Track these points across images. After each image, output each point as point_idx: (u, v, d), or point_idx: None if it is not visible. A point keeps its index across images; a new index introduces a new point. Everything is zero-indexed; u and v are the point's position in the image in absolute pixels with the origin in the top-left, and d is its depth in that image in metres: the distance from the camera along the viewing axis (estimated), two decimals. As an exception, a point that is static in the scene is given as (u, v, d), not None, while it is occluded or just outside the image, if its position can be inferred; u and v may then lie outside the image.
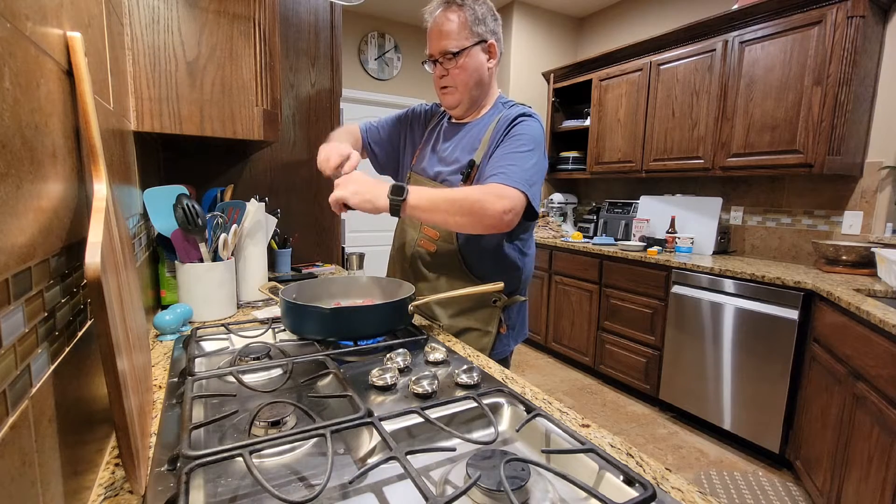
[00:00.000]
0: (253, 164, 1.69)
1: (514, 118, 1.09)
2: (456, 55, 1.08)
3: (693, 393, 2.44)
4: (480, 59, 1.11)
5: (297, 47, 1.73)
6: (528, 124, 1.08)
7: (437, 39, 1.09)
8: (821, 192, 2.47)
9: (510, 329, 1.20)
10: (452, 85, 1.12)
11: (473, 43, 1.08)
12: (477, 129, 1.16)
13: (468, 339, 1.15)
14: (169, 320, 0.95)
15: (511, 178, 0.99)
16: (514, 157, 1.03)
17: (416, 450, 0.52)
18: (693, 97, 2.72)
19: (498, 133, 1.10)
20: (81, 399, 0.48)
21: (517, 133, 1.07)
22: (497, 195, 0.96)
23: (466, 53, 1.08)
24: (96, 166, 0.47)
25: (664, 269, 2.58)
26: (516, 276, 1.17)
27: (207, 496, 0.49)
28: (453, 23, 1.07)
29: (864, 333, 1.51)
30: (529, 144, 1.05)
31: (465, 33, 1.07)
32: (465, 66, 1.09)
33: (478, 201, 0.95)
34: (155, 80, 0.99)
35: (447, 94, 1.14)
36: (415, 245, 1.21)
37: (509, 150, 1.05)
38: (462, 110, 1.17)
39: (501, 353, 1.19)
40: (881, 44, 2.24)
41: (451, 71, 1.10)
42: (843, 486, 1.57)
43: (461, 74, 1.10)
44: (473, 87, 1.13)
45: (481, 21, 1.09)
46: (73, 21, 0.54)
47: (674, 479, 0.53)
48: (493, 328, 1.15)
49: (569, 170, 3.74)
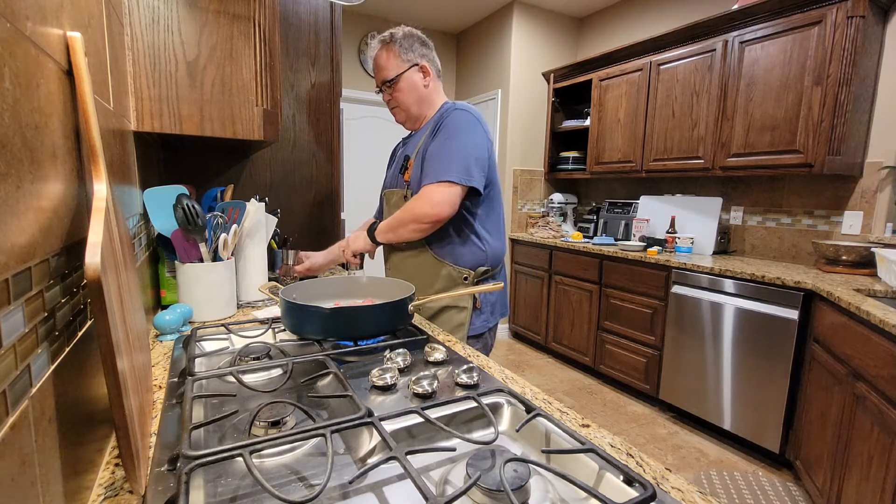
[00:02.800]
0: (253, 164, 1.69)
1: (441, 115, 1.28)
2: (392, 81, 1.31)
3: (693, 393, 2.44)
4: (415, 79, 1.31)
5: (297, 47, 1.73)
6: (451, 117, 1.25)
7: (378, 72, 1.33)
8: (821, 192, 2.47)
9: (487, 305, 1.32)
10: (397, 105, 1.35)
11: (406, 68, 1.30)
12: (420, 132, 1.36)
13: (446, 317, 1.26)
14: (169, 320, 0.95)
15: (439, 172, 1.18)
16: (440, 153, 1.21)
17: (416, 450, 0.52)
18: (693, 97, 2.72)
19: (433, 129, 1.27)
20: (81, 399, 0.48)
21: (442, 126, 1.25)
22: (426, 200, 1.18)
23: (401, 78, 1.30)
24: (96, 166, 0.47)
25: (664, 269, 2.58)
26: (478, 252, 1.30)
27: (207, 496, 0.49)
28: (386, 57, 1.30)
29: (864, 333, 1.51)
30: (452, 132, 1.22)
31: (396, 62, 1.30)
32: (402, 88, 1.31)
33: (410, 212, 1.20)
34: (155, 80, 0.99)
35: (395, 112, 1.38)
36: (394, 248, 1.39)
37: (436, 146, 1.23)
38: (411, 123, 1.39)
39: (480, 328, 1.30)
40: (881, 44, 2.24)
41: (394, 94, 1.33)
42: (843, 486, 1.57)
43: (401, 95, 1.32)
44: (414, 104, 1.34)
45: (409, 49, 1.30)
46: (73, 21, 0.54)
47: (674, 479, 0.53)
48: (467, 304, 1.27)
49: (569, 170, 3.74)
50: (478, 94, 4.23)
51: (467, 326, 1.26)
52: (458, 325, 1.26)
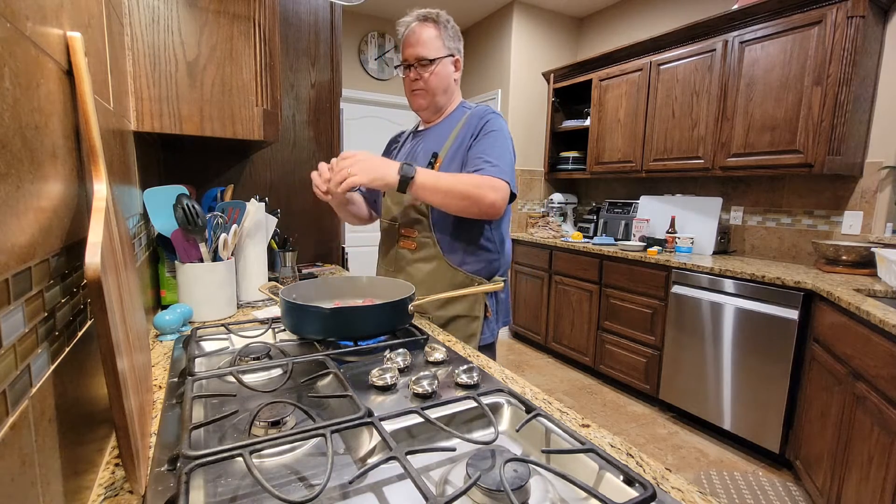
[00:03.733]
0: (253, 164, 1.69)
1: (484, 115, 1.21)
2: (431, 62, 1.21)
3: (693, 393, 2.44)
4: (449, 69, 1.25)
5: (297, 47, 1.73)
6: (500, 122, 1.21)
7: (414, 46, 1.20)
8: (821, 192, 2.47)
9: (495, 314, 1.27)
10: (424, 88, 1.24)
11: (445, 55, 1.22)
12: (442, 128, 1.27)
13: (458, 326, 1.22)
14: (169, 320, 0.95)
15: (499, 170, 1.11)
16: (496, 153, 1.14)
17: (416, 450, 0.52)
18: (693, 97, 2.72)
19: (470, 128, 1.20)
20: (81, 399, 0.48)
21: (493, 129, 1.18)
22: (491, 186, 1.08)
23: (439, 62, 1.22)
24: (96, 166, 0.47)
25: (664, 269, 2.58)
26: (494, 261, 1.26)
27: (207, 496, 0.49)
28: (430, 34, 1.20)
29: (864, 333, 1.51)
30: (505, 140, 1.18)
31: (438, 45, 1.21)
32: (437, 72, 1.22)
33: (477, 187, 1.07)
34: (155, 80, 0.99)
35: (418, 96, 1.26)
36: (397, 247, 1.29)
37: (490, 144, 1.16)
38: (429, 113, 1.29)
39: (489, 337, 1.26)
40: (881, 44, 2.24)
41: (424, 75, 1.22)
42: (843, 486, 1.57)
43: (434, 79, 1.22)
44: (441, 94, 1.25)
45: (451, 38, 1.23)
46: (73, 21, 0.54)
47: (674, 479, 0.53)
48: (479, 313, 1.22)
49: (569, 170, 3.74)
50: (478, 93, 4.23)
51: (478, 336, 1.22)
52: (470, 334, 1.21)
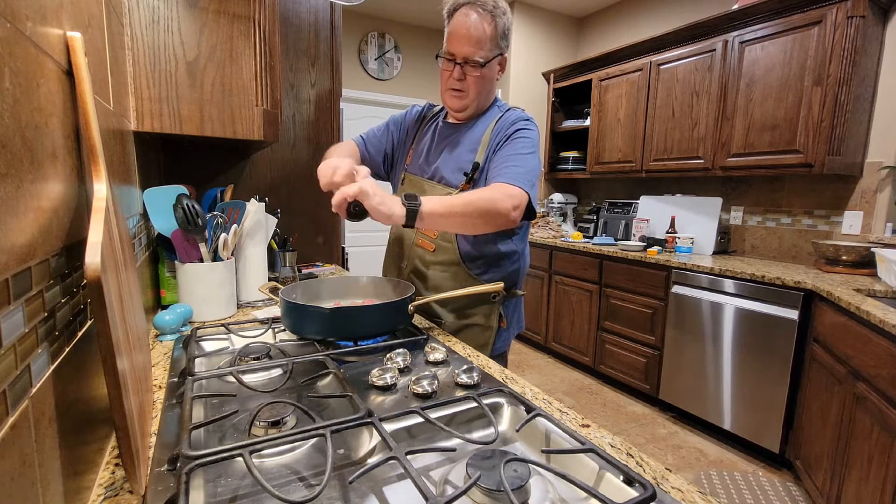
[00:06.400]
0: (253, 164, 1.69)
1: (515, 122, 1.12)
2: (482, 65, 1.08)
3: (693, 393, 2.44)
4: (495, 70, 1.13)
5: (297, 47, 1.73)
6: (529, 129, 1.12)
7: (466, 44, 1.06)
8: (821, 192, 2.47)
9: (508, 324, 1.23)
10: (465, 90, 1.12)
11: (496, 55, 1.10)
12: (476, 129, 1.17)
13: (470, 334, 1.17)
14: (169, 320, 0.95)
15: (516, 178, 1.02)
16: (517, 159, 1.06)
17: (416, 450, 0.52)
18: (693, 97, 2.72)
19: (497, 134, 1.12)
20: (81, 399, 0.48)
21: (520, 136, 1.10)
22: (506, 195, 0.99)
23: (491, 64, 1.10)
24: (96, 166, 0.47)
25: (664, 269, 2.57)
26: (514, 271, 1.20)
27: (207, 496, 0.49)
28: (487, 32, 1.06)
29: (864, 333, 1.51)
30: (530, 147, 1.09)
31: (491, 45, 1.08)
32: (485, 74, 1.10)
33: (490, 200, 0.97)
34: (155, 80, 0.99)
35: (457, 97, 1.13)
36: (413, 244, 1.22)
37: (512, 151, 1.08)
38: (467, 115, 1.18)
39: (501, 347, 1.22)
40: (881, 44, 2.24)
41: (469, 77, 1.10)
42: (844, 486, 1.57)
43: (481, 81, 1.11)
44: (484, 96, 1.15)
45: (504, 36, 1.10)
46: (73, 21, 0.54)
47: (674, 479, 0.53)
48: (493, 323, 1.17)
49: (569, 170, 3.74)
50: (478, 94, 4.22)
51: (490, 346, 1.17)
52: (482, 344, 1.16)
